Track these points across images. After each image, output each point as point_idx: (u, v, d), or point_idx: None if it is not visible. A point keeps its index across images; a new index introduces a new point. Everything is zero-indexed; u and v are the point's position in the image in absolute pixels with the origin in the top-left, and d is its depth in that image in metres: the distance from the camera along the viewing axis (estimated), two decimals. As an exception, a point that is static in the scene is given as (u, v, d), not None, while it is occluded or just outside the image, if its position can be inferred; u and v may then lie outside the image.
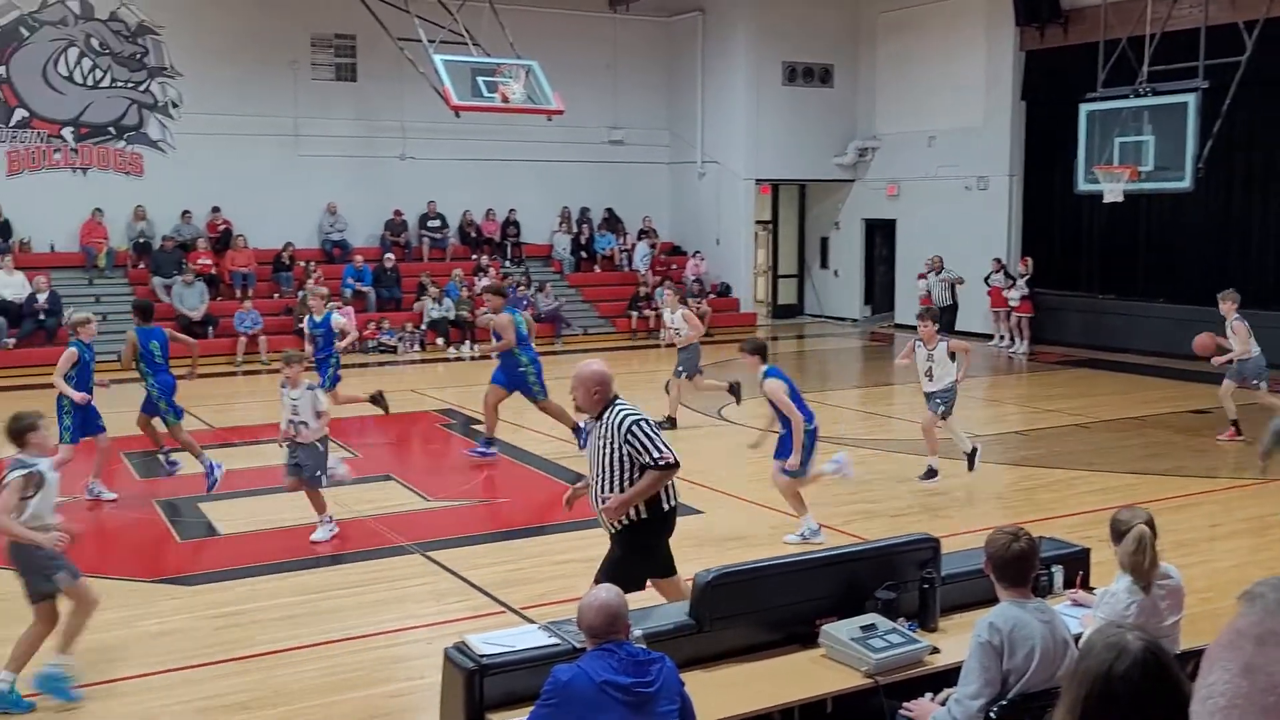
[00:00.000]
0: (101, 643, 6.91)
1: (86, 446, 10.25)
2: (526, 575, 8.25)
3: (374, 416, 12.95)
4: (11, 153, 20.31)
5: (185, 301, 19.73)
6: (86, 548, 9.02)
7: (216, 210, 21.54)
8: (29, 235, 20.35)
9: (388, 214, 22.99)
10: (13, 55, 20.15)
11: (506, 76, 17.28)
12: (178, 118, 21.44)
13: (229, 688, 6.29)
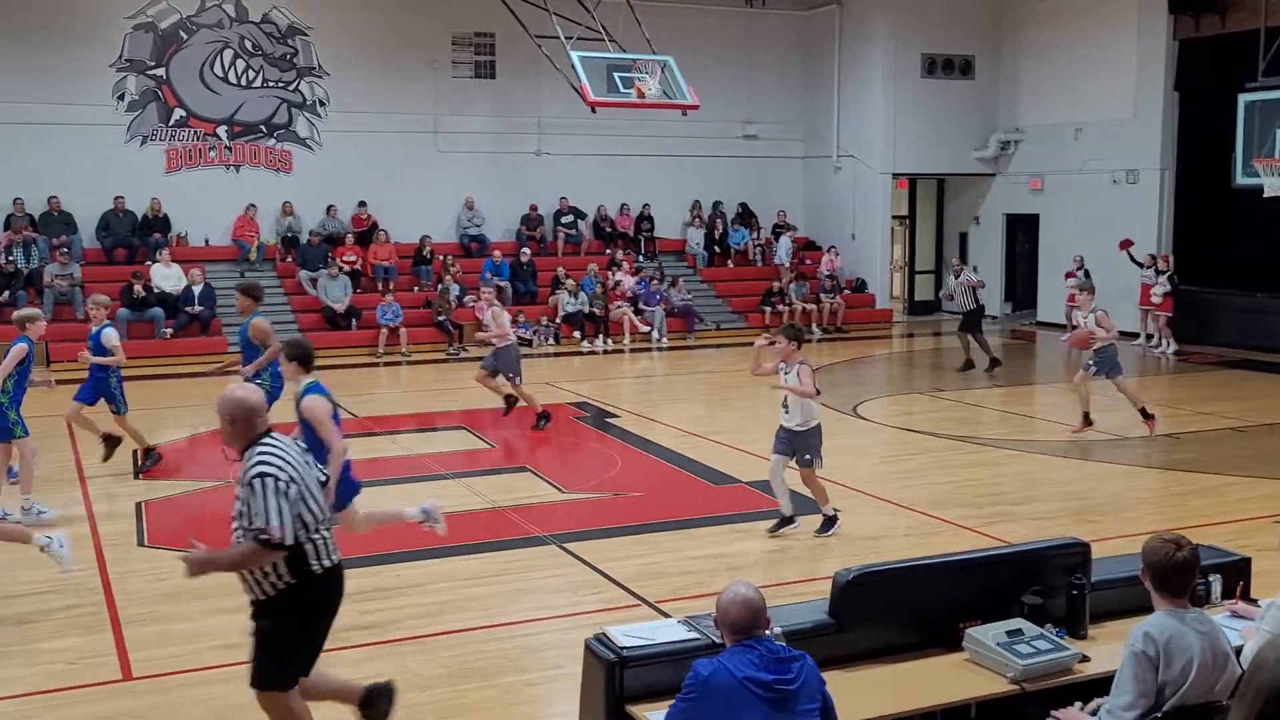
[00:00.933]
0: (239, 625, 7.14)
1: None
2: (661, 569, 8.26)
3: (515, 410, 13.12)
4: (170, 151, 21.21)
5: (330, 294, 20.34)
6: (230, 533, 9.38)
7: (363, 204, 22.14)
8: (185, 230, 21.23)
9: (524, 209, 23.32)
10: (172, 57, 21.05)
11: (643, 72, 17.34)
12: (324, 116, 22.11)
13: (374, 670, 6.42)
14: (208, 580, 7.91)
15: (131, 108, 20.86)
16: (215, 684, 6.27)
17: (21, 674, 6.39)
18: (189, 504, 10.28)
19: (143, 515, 9.56)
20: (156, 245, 20.24)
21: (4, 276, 18.97)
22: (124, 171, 20.56)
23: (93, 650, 6.67)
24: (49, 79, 19.85)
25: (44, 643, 6.79)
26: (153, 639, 6.86)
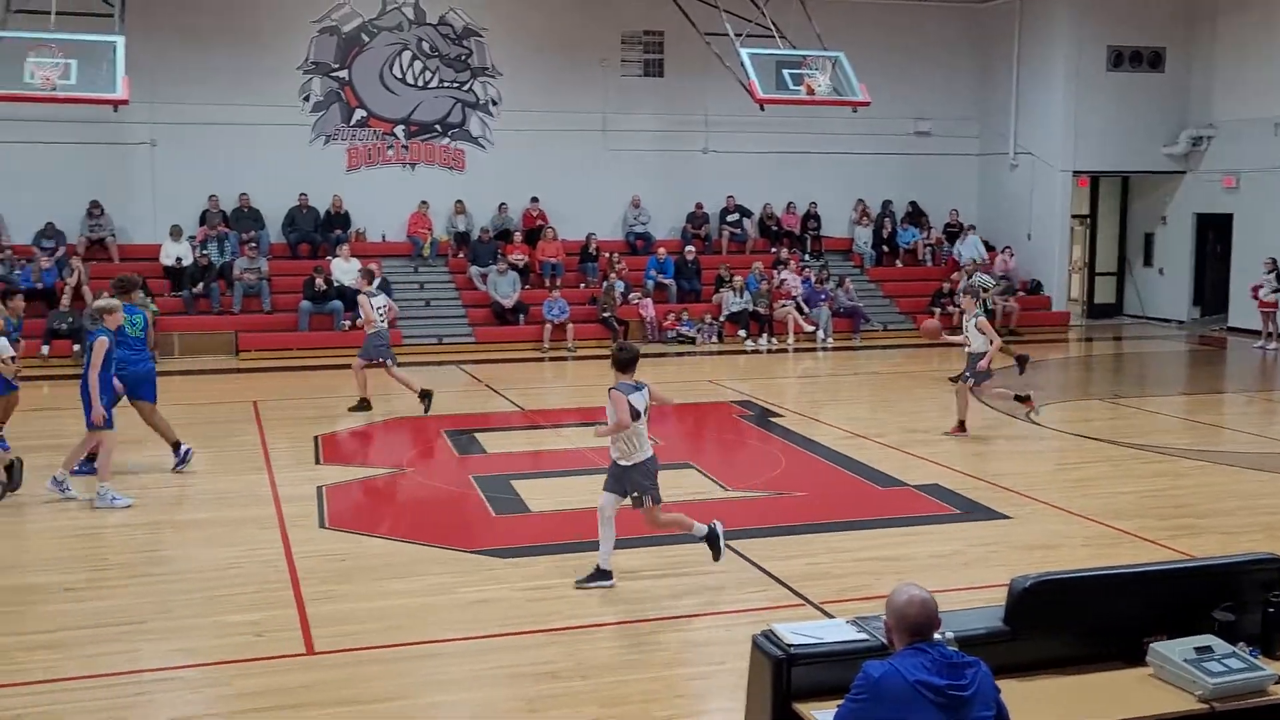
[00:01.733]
0: (425, 606, 7.39)
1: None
2: (825, 570, 8.16)
3: (674, 405, 13.16)
4: (351, 150, 22.04)
5: (499, 289, 20.79)
6: (411, 517, 9.68)
7: (535, 200, 22.57)
8: (364, 226, 22.03)
9: (689, 207, 23.38)
10: (354, 60, 21.86)
11: (812, 69, 17.18)
12: (496, 115, 22.62)
13: (537, 657, 6.56)
14: (383, 563, 8.23)
15: (316, 109, 21.75)
16: (391, 662, 6.48)
17: (212, 644, 6.73)
18: (365, 489, 10.65)
19: (323, 499, 9.93)
20: (337, 241, 21.05)
21: (199, 270, 20.02)
22: (308, 170, 21.46)
23: (277, 624, 6.97)
24: (241, 83, 20.86)
25: (232, 615, 7.13)
26: (333, 616, 7.13)
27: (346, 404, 14.27)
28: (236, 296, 19.93)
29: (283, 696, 6.02)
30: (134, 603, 7.37)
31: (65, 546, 8.65)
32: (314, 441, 12.29)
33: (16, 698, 5.77)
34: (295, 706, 5.89)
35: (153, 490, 10.35)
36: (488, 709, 5.94)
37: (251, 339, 19.36)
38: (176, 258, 20.15)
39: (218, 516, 9.41)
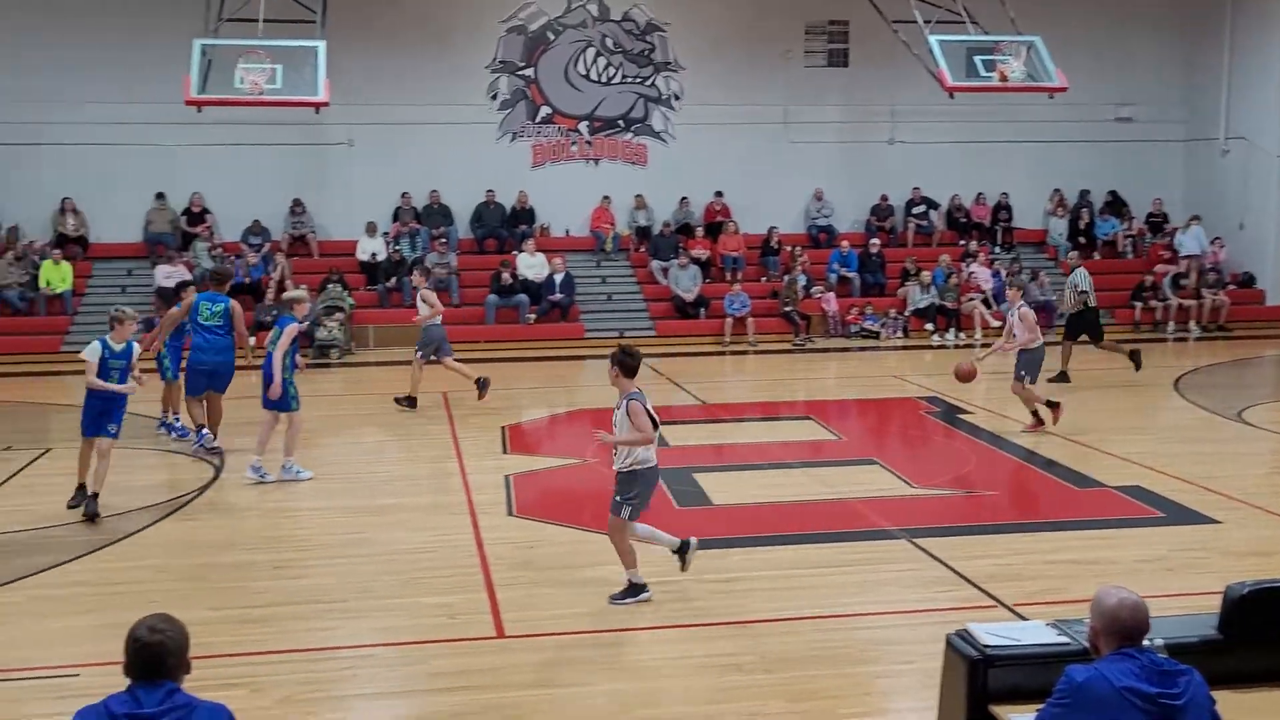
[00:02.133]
0: (602, 595, 7.44)
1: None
2: (1017, 571, 7.89)
3: (858, 401, 12.98)
4: (536, 146, 22.48)
5: (680, 284, 20.87)
6: (595, 507, 9.79)
7: (719, 194, 22.56)
8: (548, 221, 22.43)
9: (874, 199, 22.96)
10: (540, 57, 22.29)
11: (1006, 54, 16.62)
12: (678, 109, 22.70)
13: (722, 649, 6.54)
14: (569, 551, 8.36)
15: (503, 106, 22.27)
16: (579, 648, 6.58)
17: (406, 624, 6.96)
18: (551, 479, 10.84)
19: (511, 487, 10.16)
20: (523, 236, 21.51)
21: (392, 264, 20.77)
22: (495, 167, 21.99)
23: (469, 608, 7.17)
24: (432, 83, 21.52)
25: (427, 598, 7.36)
26: (522, 601, 7.28)
27: (534, 396, 14.57)
28: (427, 290, 20.57)
29: (475, 677, 6.18)
30: (335, 582, 7.69)
31: (274, 527, 9.10)
32: (501, 431, 12.59)
33: (232, 667, 6.09)
34: (487, 688, 6.04)
35: (351, 477, 10.79)
36: (673, 697, 5.96)
37: (441, 331, 19.94)
38: (371, 253, 20.95)
39: (411, 503, 9.74)
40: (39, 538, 8.77)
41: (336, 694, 6.09)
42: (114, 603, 7.30)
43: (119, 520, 9.13)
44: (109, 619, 6.99)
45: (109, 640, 6.62)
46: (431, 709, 5.83)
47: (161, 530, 8.99)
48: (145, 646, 3.45)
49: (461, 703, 5.86)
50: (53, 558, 8.20)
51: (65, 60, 20.14)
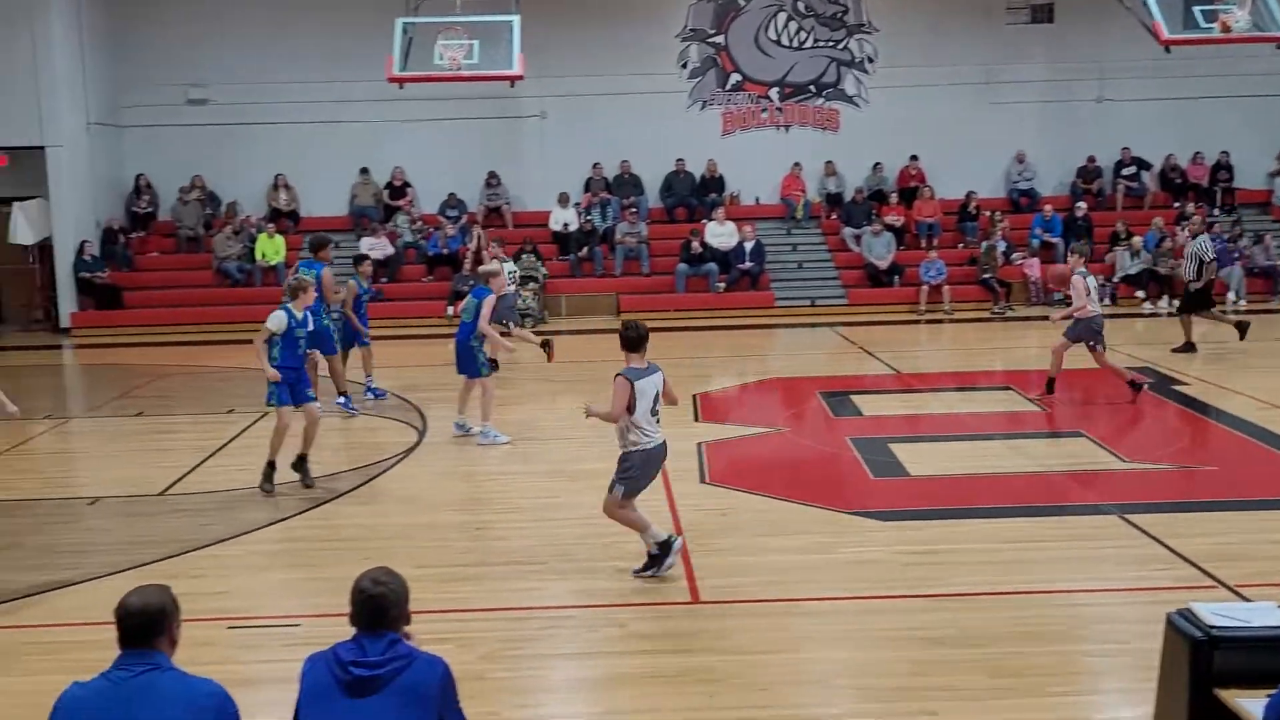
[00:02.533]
0: (804, 563, 7.40)
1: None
2: (1240, 551, 7.43)
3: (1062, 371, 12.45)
4: (726, 114, 22.37)
5: (873, 251, 20.47)
6: (788, 476, 9.72)
7: (914, 159, 22.00)
8: (738, 189, 22.32)
9: (1080, 160, 21.97)
10: (730, 24, 22.13)
11: (1229, 3, 15.55)
12: (872, 73, 22.19)
13: (920, 623, 6.40)
14: (762, 519, 8.33)
15: (693, 75, 22.23)
16: (773, 615, 6.55)
17: (603, 586, 7.07)
18: (742, 447, 10.81)
19: (703, 455, 10.18)
20: (712, 204, 21.48)
21: (583, 234, 21.07)
22: (685, 135, 22.00)
23: (665, 573, 7.21)
24: (622, 53, 21.65)
25: (624, 562, 7.44)
26: (716, 568, 7.29)
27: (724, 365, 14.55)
28: (618, 260, 20.81)
29: (672, 641, 6.23)
30: (535, 544, 7.88)
31: (475, 490, 9.39)
32: (692, 400, 12.61)
33: (439, 622, 6.30)
34: (684, 651, 6.08)
35: (547, 443, 11.03)
36: (871, 669, 5.86)
37: (631, 300, 20.16)
38: (564, 223, 21.29)
39: (606, 468, 9.76)
40: (260, 495, 9.27)
41: (537, 652, 6.24)
42: (329, 558, 7.68)
43: (332, 480, 9.57)
44: (325, 573, 7.37)
45: (326, 593, 6.99)
46: (628, 670, 5.90)
47: (370, 490, 9.39)
48: (369, 598, 3.59)
49: (657, 665, 5.92)
50: (272, 514, 8.67)
51: (278, 44, 21.15)
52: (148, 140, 21.53)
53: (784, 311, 19.51)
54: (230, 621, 6.54)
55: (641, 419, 6.85)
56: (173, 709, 3.36)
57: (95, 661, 5.20)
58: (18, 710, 5.36)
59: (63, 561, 7.71)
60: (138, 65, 21.32)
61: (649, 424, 6.89)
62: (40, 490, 9.75)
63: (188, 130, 21.45)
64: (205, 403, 12.34)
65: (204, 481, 9.67)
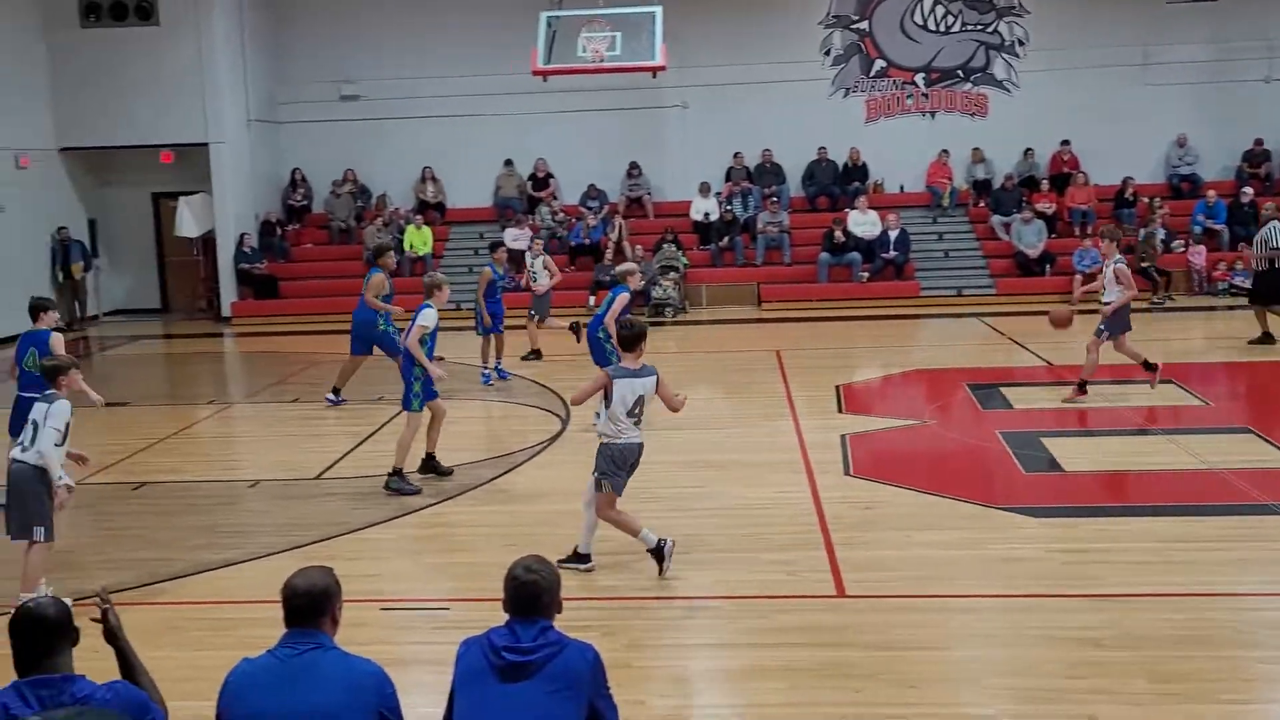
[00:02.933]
0: (953, 559, 7.23)
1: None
2: None
3: (1227, 364, 11.90)
4: (870, 101, 21.99)
5: (1023, 239, 19.88)
6: (935, 469, 9.51)
7: (1066, 143, 21.28)
8: (882, 177, 21.94)
9: (1246, 143, 20.92)
10: (875, 10, 21.73)
11: None
12: (1023, 56, 21.53)
13: (1077, 622, 6.18)
14: (909, 513, 8.17)
15: (836, 62, 21.91)
16: (922, 611, 6.42)
17: (746, 578, 7.03)
18: (888, 439, 10.63)
19: (847, 447, 10.04)
20: (855, 193, 21.15)
21: (724, 224, 20.99)
22: (827, 123, 21.70)
23: (808, 565, 7.14)
24: (764, 42, 21.46)
25: (766, 554, 7.40)
26: (862, 562, 7.18)
27: (867, 355, 14.33)
28: (759, 249, 20.68)
29: (816, 634, 6.15)
30: (678, 533, 7.81)
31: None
32: (835, 391, 12.46)
33: (584, 610, 6.34)
34: (829, 645, 6.00)
35: (689, 432, 11.02)
36: (1025, 668, 5.69)
37: (772, 290, 20.03)
38: (704, 213, 21.24)
39: (749, 459, 9.82)
40: (411, 481, 9.50)
41: (680, 641, 6.25)
42: (476, 544, 7.83)
43: (478, 468, 9.75)
44: (472, 559, 7.53)
45: (474, 578, 7.12)
46: (771, 662, 5.85)
47: (515, 478, 9.53)
48: (523, 585, 3.64)
49: (801, 658, 5.85)
50: (423, 500, 8.87)
51: (425, 41, 21.63)
52: (303, 136, 22.28)
53: (929, 301, 19.12)
54: (383, 604, 6.72)
55: (617, 415, 6.90)
56: (335, 687, 3.45)
57: (259, 638, 5.38)
58: (187, 682, 5.58)
59: (225, 541, 8.04)
60: (294, 64, 22.08)
61: (624, 422, 6.91)
62: (204, 473, 10.19)
63: (340, 126, 22.12)
64: (356, 390, 12.69)
65: (356, 466, 9.96)
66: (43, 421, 6.63)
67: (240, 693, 3.48)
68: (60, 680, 3.24)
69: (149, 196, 22.01)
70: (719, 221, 21.07)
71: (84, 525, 8.66)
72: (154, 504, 9.16)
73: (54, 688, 3.22)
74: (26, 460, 6.62)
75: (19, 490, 6.64)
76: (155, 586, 7.16)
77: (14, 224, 18.75)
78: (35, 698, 3.21)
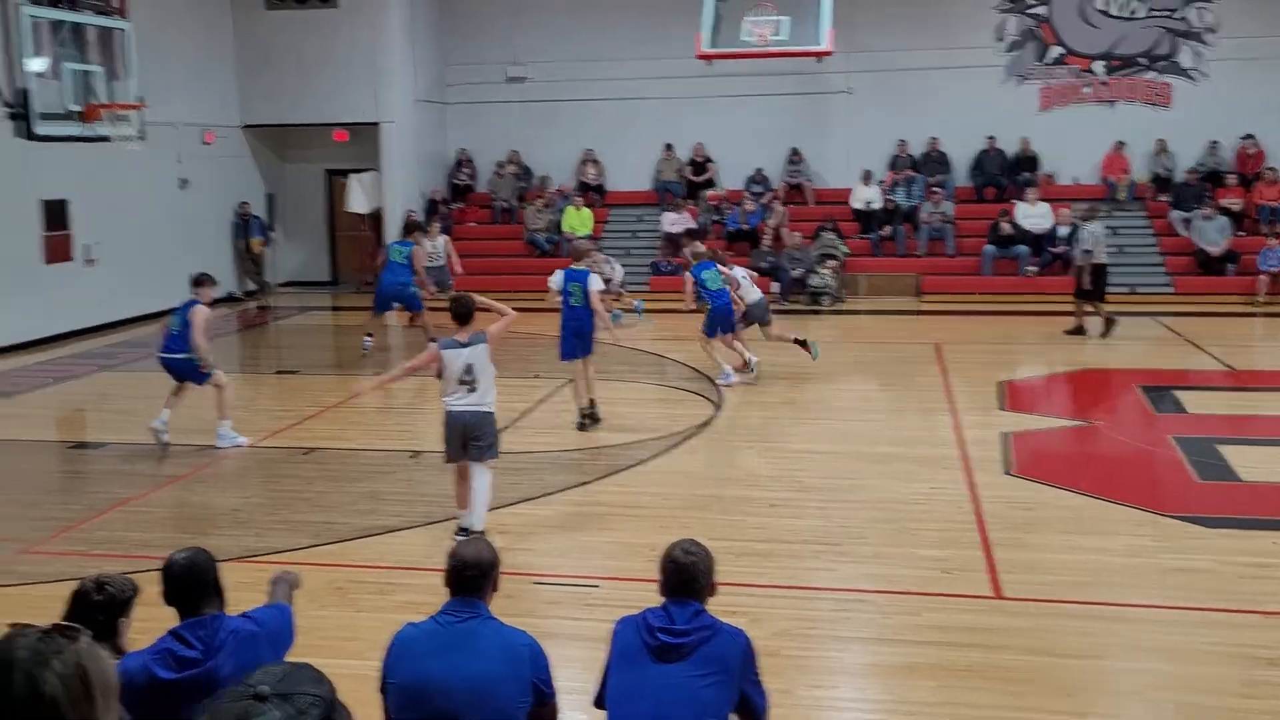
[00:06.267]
0: (1119, 566, 6.96)
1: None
2: None
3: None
4: (1045, 89, 21.23)
5: (1205, 236, 18.94)
6: (1102, 473, 9.16)
7: (1249, 137, 20.20)
8: (1054, 168, 21.18)
9: None
10: (1055, -5, 20.97)
11: None
12: (1211, 44, 20.47)
13: (1255, 639, 5.88)
14: (1072, 516, 7.89)
15: (1010, 48, 21.21)
16: (1084, 618, 6.19)
17: (901, 573, 6.90)
18: (1052, 439, 10.29)
19: (1008, 445, 9.75)
20: (1024, 184, 20.47)
21: (886, 213, 20.60)
22: (998, 112, 21.03)
23: (964, 564, 6.97)
24: (934, 26, 20.95)
25: (920, 550, 7.25)
26: (1021, 564, 6.97)
27: (1033, 352, 13.91)
28: (921, 240, 20.23)
29: (971, 635, 6.00)
30: (830, 525, 7.79)
31: (769, 466, 9.36)
32: (997, 387, 12.12)
33: (732, 596, 6.30)
34: (985, 647, 5.84)
35: (843, 423, 10.89)
36: (1194, 686, 5.44)
37: (934, 282, 19.57)
38: (866, 201, 20.88)
39: (904, 453, 9.63)
40: (564, 459, 9.65)
41: (831, 633, 6.17)
42: (627, 524, 7.88)
43: (632, 449, 9.82)
44: (623, 539, 7.58)
45: (624, 557, 7.18)
46: (924, 660, 5.73)
47: (667, 460, 9.55)
48: (682, 567, 3.65)
49: (954, 658, 5.72)
50: (575, 478, 8.99)
51: (590, 24, 21.80)
52: (468, 116, 22.75)
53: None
54: (535, 578, 6.83)
55: (449, 384, 7.43)
56: (493, 656, 3.52)
57: (418, 604, 5.54)
58: (349, 641, 5.79)
59: (388, 509, 8.29)
60: (462, 46, 22.54)
61: (453, 390, 7.41)
62: (369, 441, 10.52)
63: (505, 107, 22.50)
64: (512, 367, 12.90)
65: (512, 443, 10.10)
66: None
67: (404, 655, 3.58)
68: (210, 619, 3.49)
69: (322, 172, 22.81)
70: (881, 210, 20.69)
71: (258, 486, 9.06)
72: (322, 469, 9.51)
73: (208, 627, 3.47)
74: None
75: None
76: (322, 548, 7.43)
77: (200, 197, 19.67)
78: (195, 638, 3.44)
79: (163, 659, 3.38)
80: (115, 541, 7.75)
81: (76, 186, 16.56)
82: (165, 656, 3.39)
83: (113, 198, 17.18)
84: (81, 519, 8.27)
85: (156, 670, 3.35)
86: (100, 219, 17.00)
